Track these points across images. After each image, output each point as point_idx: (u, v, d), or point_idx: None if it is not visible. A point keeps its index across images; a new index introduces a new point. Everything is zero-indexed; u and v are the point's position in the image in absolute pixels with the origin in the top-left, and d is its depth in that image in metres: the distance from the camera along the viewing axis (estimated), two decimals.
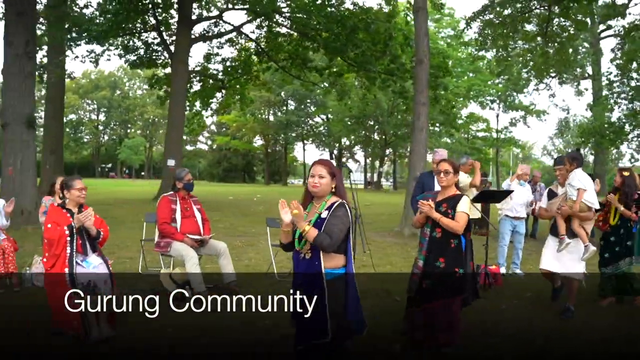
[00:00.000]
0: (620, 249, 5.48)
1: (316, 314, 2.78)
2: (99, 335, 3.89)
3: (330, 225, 2.78)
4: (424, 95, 11.58)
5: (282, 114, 40.37)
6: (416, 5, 11.36)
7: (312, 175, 2.87)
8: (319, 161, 2.95)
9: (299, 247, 2.87)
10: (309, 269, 2.84)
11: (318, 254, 2.81)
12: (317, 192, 2.87)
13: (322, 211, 2.85)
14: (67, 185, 4.27)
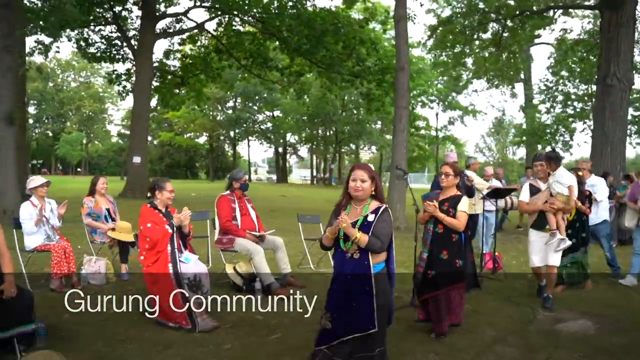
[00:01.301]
0: (576, 241, 5.97)
1: (365, 308, 2.89)
2: (205, 327, 4.15)
3: (379, 229, 2.91)
4: (405, 99, 12.34)
5: (231, 110, 40.04)
6: (397, 15, 12.04)
7: (354, 180, 2.95)
8: (359, 165, 3.03)
9: (345, 248, 2.96)
10: (358, 268, 2.92)
11: (366, 254, 2.92)
12: (359, 196, 2.96)
13: (368, 214, 2.96)
14: (159, 187, 4.49)
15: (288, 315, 4.72)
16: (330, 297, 3.03)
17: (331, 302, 3.01)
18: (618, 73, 12.30)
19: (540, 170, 5.57)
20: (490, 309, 5.24)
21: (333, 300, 3.00)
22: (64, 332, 3.93)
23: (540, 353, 4.02)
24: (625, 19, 12.25)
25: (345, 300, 2.94)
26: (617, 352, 4.10)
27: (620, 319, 5.02)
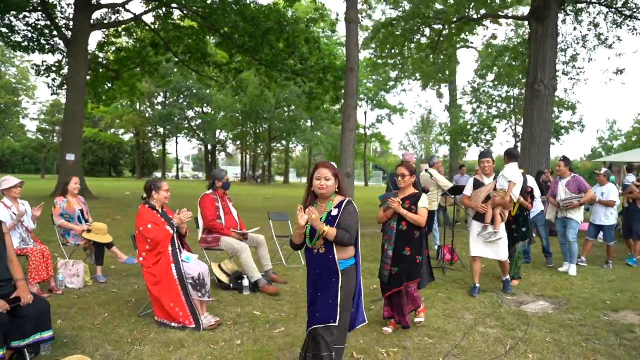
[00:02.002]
0: (518, 235, 6.44)
1: (327, 301, 2.91)
2: (210, 325, 4.22)
3: (346, 222, 2.92)
4: (354, 99, 12.76)
5: (161, 106, 38.68)
6: (349, 17, 12.40)
7: (318, 178, 2.95)
8: (323, 164, 3.03)
9: (311, 245, 2.97)
10: (325, 261, 2.94)
11: (331, 248, 2.94)
12: (324, 194, 2.98)
13: (332, 209, 2.97)
14: (156, 187, 4.47)
15: (282, 309, 4.94)
16: (308, 293, 3.10)
17: (309, 298, 3.08)
18: (544, 79, 13.44)
19: (487, 167, 5.80)
20: (462, 296, 5.71)
21: (310, 295, 3.07)
22: (65, 339, 3.85)
23: (516, 331, 4.51)
24: (550, 31, 13.41)
25: (314, 295, 3.00)
26: (575, 326, 4.71)
27: (570, 299, 5.69)
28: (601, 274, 7.21)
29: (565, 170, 7.38)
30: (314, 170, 3.04)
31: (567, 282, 6.59)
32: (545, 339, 4.32)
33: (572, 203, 7.15)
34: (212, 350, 3.77)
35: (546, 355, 3.94)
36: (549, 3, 13.21)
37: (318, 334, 2.87)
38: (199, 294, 4.28)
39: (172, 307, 4.17)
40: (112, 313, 4.54)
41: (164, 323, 4.21)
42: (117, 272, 6.18)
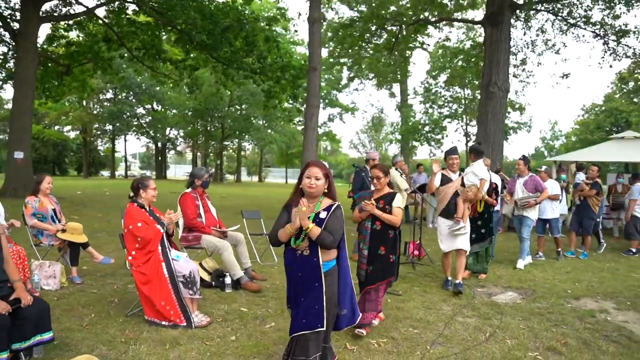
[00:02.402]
0: (485, 231, 6.63)
1: (313, 305, 2.86)
2: (201, 323, 4.24)
3: (333, 225, 2.87)
4: (317, 98, 12.93)
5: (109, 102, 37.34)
6: (312, 17, 12.53)
7: (309, 177, 2.90)
8: (314, 163, 2.98)
9: (295, 245, 2.90)
10: (307, 264, 2.88)
11: (316, 250, 2.88)
12: (312, 193, 2.92)
13: (320, 211, 2.92)
14: (144, 185, 4.44)
15: (268, 306, 5.02)
16: (288, 295, 3.04)
17: (289, 297, 3.03)
18: (498, 82, 14.09)
19: (453, 164, 5.89)
20: (436, 289, 5.98)
21: (290, 297, 3.02)
22: (55, 340, 3.75)
23: (492, 319, 4.80)
24: (503, 36, 14.07)
25: (297, 298, 2.94)
26: (544, 313, 5.06)
27: (535, 290, 6.08)
28: (557, 266, 7.70)
29: (524, 169, 7.65)
30: (304, 168, 2.99)
31: (530, 275, 7.00)
32: (520, 326, 4.62)
33: (529, 202, 7.46)
34: (209, 347, 3.81)
35: (522, 341, 4.23)
36: (503, 9, 13.84)
37: (306, 338, 2.84)
38: (190, 292, 4.29)
39: (164, 306, 4.16)
40: (98, 314, 4.46)
41: (154, 322, 4.19)
42: (91, 273, 6.03)
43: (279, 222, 2.98)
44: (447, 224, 5.87)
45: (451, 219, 5.83)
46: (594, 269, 7.53)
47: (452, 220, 5.82)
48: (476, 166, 6.26)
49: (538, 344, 4.17)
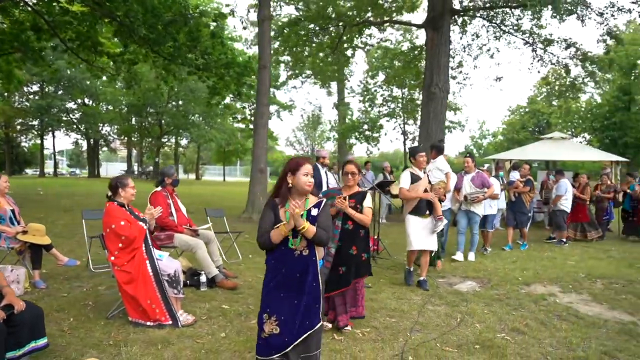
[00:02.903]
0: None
1: (313, 304, 2.82)
2: (187, 321, 4.24)
3: (325, 222, 2.86)
4: (266, 96, 12.96)
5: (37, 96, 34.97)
6: (262, 16, 12.52)
7: (306, 174, 2.83)
8: (307, 160, 2.93)
9: (294, 245, 2.80)
10: (307, 263, 2.82)
11: (314, 249, 2.84)
12: (308, 191, 2.88)
13: (311, 208, 2.87)
14: (122, 184, 4.35)
15: (247, 302, 5.10)
16: (272, 300, 2.82)
17: (275, 306, 2.80)
18: (439, 83, 14.73)
19: (423, 161, 5.94)
20: (402, 280, 6.26)
21: (277, 303, 2.80)
22: None
23: (459, 306, 5.16)
24: (444, 39, 14.74)
25: (295, 300, 2.79)
26: (503, 299, 5.51)
27: (490, 279, 6.55)
28: (504, 257, 8.28)
29: (472, 165, 8.07)
30: (293, 165, 2.87)
31: (482, 265, 7.49)
32: (484, 311, 5.00)
33: (478, 197, 7.86)
34: (201, 345, 3.83)
35: (490, 324, 4.59)
36: (444, 14, 14.50)
37: (310, 336, 2.81)
38: (175, 291, 4.27)
39: (149, 305, 4.12)
40: (76, 317, 4.32)
41: (138, 323, 4.15)
42: (53, 276, 5.78)
43: (265, 223, 2.84)
44: (420, 222, 5.84)
45: (424, 217, 5.82)
46: (535, 259, 8.18)
47: (424, 218, 5.81)
48: (439, 162, 6.59)
49: (503, 326, 4.55)
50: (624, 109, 31.86)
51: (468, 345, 4.04)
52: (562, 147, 14.15)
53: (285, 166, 2.93)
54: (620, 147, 28.81)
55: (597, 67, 15.54)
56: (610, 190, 10.89)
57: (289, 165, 2.90)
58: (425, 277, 6.00)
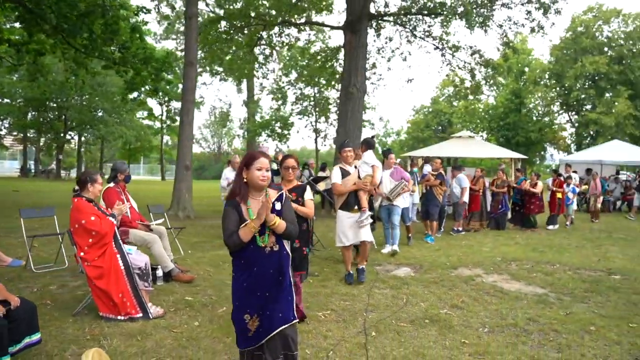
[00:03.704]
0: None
1: (288, 297, 2.82)
2: (158, 313, 4.36)
3: (290, 215, 2.84)
4: (193, 93, 12.86)
5: None
6: (190, 13, 12.40)
7: (259, 169, 2.74)
8: (263, 154, 2.83)
9: (263, 243, 2.74)
10: (278, 259, 2.78)
11: (283, 244, 2.81)
12: (265, 185, 2.80)
13: (275, 203, 2.81)
14: (92, 180, 4.34)
15: (207, 293, 5.30)
16: (249, 300, 2.77)
17: (254, 305, 2.76)
18: (357, 84, 15.48)
19: (349, 156, 5.97)
20: (344, 269, 6.69)
21: (255, 302, 2.77)
22: None
23: (402, 289, 5.72)
24: (361, 42, 15.51)
25: (271, 296, 2.78)
26: (437, 281, 6.16)
27: (422, 265, 7.23)
28: (427, 246, 9.05)
29: (392, 161, 8.41)
30: (249, 159, 2.79)
31: (410, 254, 8.15)
32: (424, 292, 5.61)
33: (403, 189, 8.19)
34: (180, 334, 4.00)
35: (432, 302, 5.19)
36: (362, 18, 15.26)
37: (287, 334, 2.80)
38: (145, 284, 4.37)
39: (121, 298, 4.19)
40: (41, 317, 4.17)
41: (109, 317, 4.20)
42: None
43: (230, 223, 2.73)
44: (350, 216, 5.91)
45: (353, 212, 5.89)
46: (455, 247, 9.06)
47: (353, 212, 5.89)
48: (366, 156, 6.63)
49: (444, 304, 5.16)
50: (516, 110, 35.29)
51: (419, 320, 4.58)
52: (473, 145, 15.56)
53: (241, 161, 2.87)
54: (512, 146, 31.86)
55: (496, 72, 17.21)
56: (505, 184, 12.08)
57: (243, 160, 2.83)
58: (364, 266, 6.10)
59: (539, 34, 14.45)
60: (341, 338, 4.04)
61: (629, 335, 4.27)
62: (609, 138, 29.04)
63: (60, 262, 6.40)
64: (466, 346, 3.93)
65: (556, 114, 39.42)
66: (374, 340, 4.04)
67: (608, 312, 4.94)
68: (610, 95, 34.79)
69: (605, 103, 33.85)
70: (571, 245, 9.34)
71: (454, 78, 22.48)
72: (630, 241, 10.03)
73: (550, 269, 7.05)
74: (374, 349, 3.84)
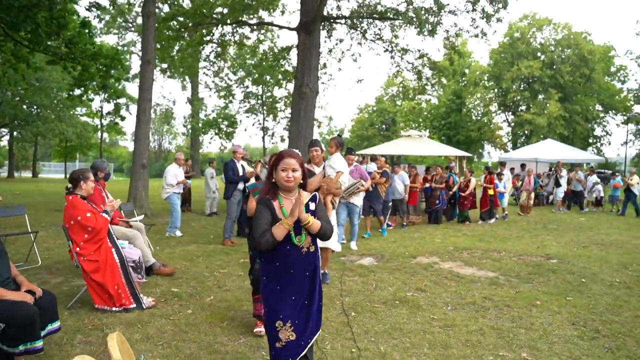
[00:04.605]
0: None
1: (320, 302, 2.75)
2: (150, 304, 4.60)
3: (325, 215, 2.75)
4: (150, 92, 12.82)
5: None
6: (147, 11, 12.34)
7: (284, 169, 2.65)
8: (289, 153, 2.72)
9: (299, 242, 2.63)
10: (313, 261, 2.70)
11: (317, 245, 2.74)
12: (291, 187, 2.69)
13: (309, 203, 2.73)
14: (85, 177, 4.52)
15: (190, 284, 5.59)
16: (284, 305, 2.64)
17: (288, 311, 2.64)
18: (309, 84, 15.93)
19: (316, 156, 6.00)
20: None
21: (290, 307, 2.64)
22: None
23: (369, 276, 6.24)
24: (315, 43, 15.97)
25: (305, 301, 2.68)
26: (400, 268, 6.72)
27: (383, 255, 7.79)
28: (384, 239, 9.64)
29: (353, 160, 8.80)
30: (276, 159, 2.72)
31: (370, 246, 8.71)
32: (390, 278, 6.15)
33: (359, 188, 8.50)
34: (177, 320, 4.29)
35: (399, 286, 5.73)
36: (316, 19, 15.72)
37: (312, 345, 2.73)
38: (139, 276, 4.62)
39: (116, 290, 4.41)
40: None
41: (104, 309, 4.41)
42: None
43: (263, 221, 2.61)
44: None
45: None
46: (409, 239, 9.70)
47: None
48: (333, 158, 6.55)
49: (409, 287, 5.72)
50: (457, 110, 37.05)
51: (390, 302, 5.10)
52: (422, 143, 16.43)
53: (270, 162, 2.82)
54: (454, 144, 33.50)
55: (442, 74, 18.18)
56: (442, 181, 12.79)
57: (272, 160, 2.77)
58: (326, 271, 5.93)
59: (482, 39, 15.48)
60: (325, 319, 4.47)
61: (566, 306, 5.00)
62: (541, 137, 31.23)
63: (32, 261, 6.44)
64: (435, 321, 4.48)
65: (494, 114, 41.74)
66: (354, 319, 4.50)
67: (549, 289, 5.68)
68: (542, 97, 37.31)
69: (539, 105, 36.30)
70: (512, 236, 10.24)
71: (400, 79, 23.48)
72: (562, 231, 11.11)
73: (497, 256, 7.81)
74: (357, 326, 4.31)
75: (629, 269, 6.94)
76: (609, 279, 6.25)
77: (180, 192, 9.47)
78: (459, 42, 18.19)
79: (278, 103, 31.52)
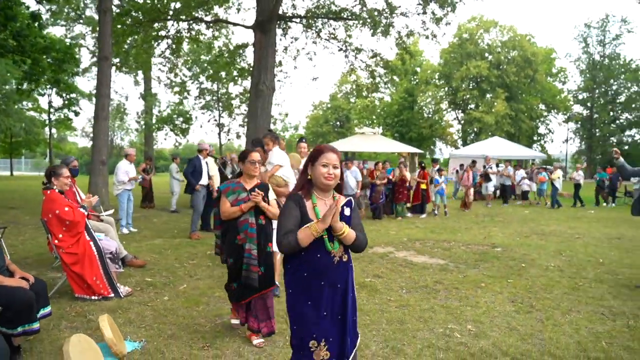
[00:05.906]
0: None
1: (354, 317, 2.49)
2: (128, 292, 4.88)
3: (359, 223, 2.48)
4: (108, 88, 12.75)
5: None
6: (104, 6, 12.25)
7: (325, 165, 2.36)
8: (330, 148, 2.44)
9: (333, 250, 2.34)
10: (346, 271, 2.42)
11: (350, 255, 2.47)
12: (331, 185, 2.41)
13: (343, 207, 2.43)
14: (56, 174, 4.73)
15: (162, 275, 5.89)
16: (317, 322, 2.34)
17: (322, 328, 2.35)
18: (266, 81, 16.21)
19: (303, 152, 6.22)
20: None
21: (324, 324, 2.35)
22: None
23: None
24: (271, 41, 16.26)
25: (339, 316, 2.40)
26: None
27: None
28: None
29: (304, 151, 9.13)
30: (315, 153, 2.43)
31: None
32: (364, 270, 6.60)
33: None
34: (155, 306, 4.59)
35: (357, 273, 6.16)
36: (272, 18, 16.01)
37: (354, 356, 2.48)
38: (116, 266, 4.87)
39: (94, 281, 4.66)
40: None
41: (84, 298, 4.65)
42: None
43: (289, 219, 2.34)
44: None
45: None
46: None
47: None
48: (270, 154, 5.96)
49: (367, 274, 6.22)
50: (409, 108, 38.21)
51: None
52: (377, 140, 17.07)
53: (308, 156, 2.53)
54: (406, 141, 34.60)
55: (394, 73, 18.87)
56: (384, 177, 13.22)
57: (310, 154, 2.48)
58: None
59: (432, 41, 16.25)
60: None
61: (507, 287, 5.64)
62: (489, 134, 32.77)
63: None
64: (392, 302, 4.99)
65: (445, 111, 43.34)
66: None
67: (493, 273, 6.33)
68: (490, 96, 39.10)
69: (487, 103, 38.04)
70: (462, 228, 10.98)
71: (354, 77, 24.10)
72: (507, 223, 11.98)
73: (447, 245, 8.46)
74: None
75: (563, 254, 7.74)
76: (545, 264, 6.98)
77: (131, 189, 9.50)
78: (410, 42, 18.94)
79: (234, 100, 31.58)
